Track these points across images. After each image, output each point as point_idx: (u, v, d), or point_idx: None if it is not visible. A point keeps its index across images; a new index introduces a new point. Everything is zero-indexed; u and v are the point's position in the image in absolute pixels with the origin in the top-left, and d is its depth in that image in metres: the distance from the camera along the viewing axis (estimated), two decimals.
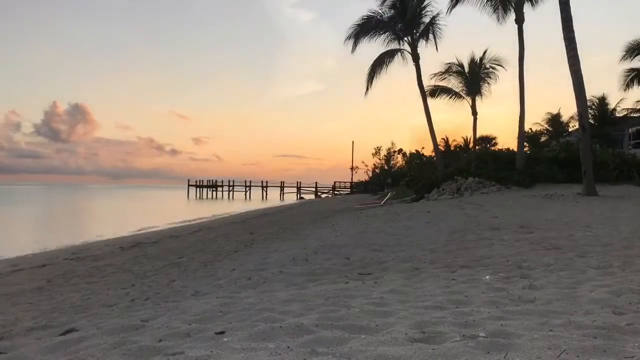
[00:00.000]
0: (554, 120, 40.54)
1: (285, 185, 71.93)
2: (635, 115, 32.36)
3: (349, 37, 27.50)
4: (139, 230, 20.36)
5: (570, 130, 38.31)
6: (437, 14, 27.20)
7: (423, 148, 42.74)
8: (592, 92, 35.93)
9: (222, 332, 3.18)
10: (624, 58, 27.67)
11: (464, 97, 29.81)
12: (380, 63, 27.92)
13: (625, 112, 33.50)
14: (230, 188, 73.10)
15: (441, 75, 30.01)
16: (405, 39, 27.72)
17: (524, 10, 23.20)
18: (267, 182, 72.22)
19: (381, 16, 27.59)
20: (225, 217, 28.12)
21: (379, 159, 58.53)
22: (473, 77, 29.33)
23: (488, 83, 29.89)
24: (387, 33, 27.91)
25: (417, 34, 27.38)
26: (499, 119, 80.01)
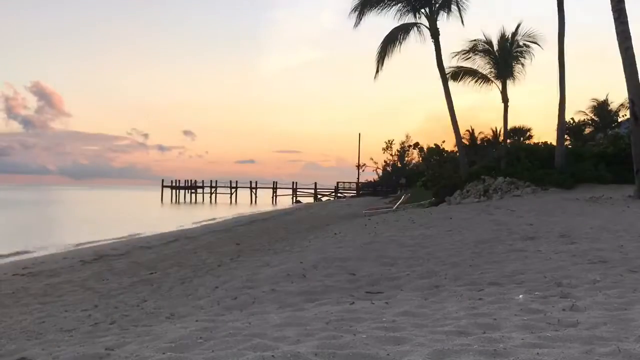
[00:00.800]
0: (601, 108, 40.54)
1: (278, 186, 72.04)
2: None
3: (354, 10, 27.48)
4: (103, 240, 20.37)
5: (620, 120, 38.33)
6: None
7: (444, 142, 42.78)
8: None
9: None
10: None
11: (492, 81, 29.76)
12: (392, 40, 27.84)
13: None
14: (213, 190, 73.28)
15: (465, 54, 29.82)
16: (423, 11, 27.67)
17: None
18: (256, 182, 72.44)
19: None
20: (207, 224, 28.16)
21: (391, 154, 58.77)
22: (503, 57, 29.17)
23: (522, 64, 29.65)
24: (400, 4, 27.87)
25: (437, 5, 27.37)
26: (534, 107, 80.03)
